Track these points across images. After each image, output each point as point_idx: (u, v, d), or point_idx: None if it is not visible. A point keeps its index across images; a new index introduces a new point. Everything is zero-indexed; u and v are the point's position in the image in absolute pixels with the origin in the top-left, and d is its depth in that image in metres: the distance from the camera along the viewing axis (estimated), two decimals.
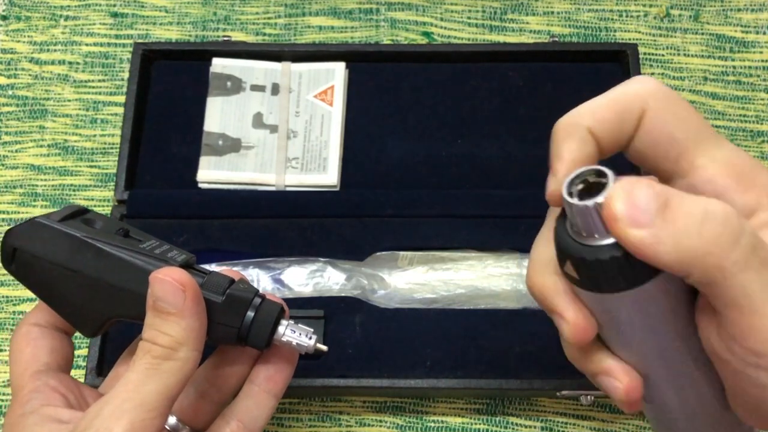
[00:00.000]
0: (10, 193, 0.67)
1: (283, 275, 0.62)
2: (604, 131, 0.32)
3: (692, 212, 0.28)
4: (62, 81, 0.70)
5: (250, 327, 0.38)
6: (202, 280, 0.39)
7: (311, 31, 0.72)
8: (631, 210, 0.28)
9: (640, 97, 0.32)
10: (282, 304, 0.40)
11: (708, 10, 0.72)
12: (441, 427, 0.60)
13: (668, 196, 0.29)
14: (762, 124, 0.68)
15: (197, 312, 0.37)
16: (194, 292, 0.37)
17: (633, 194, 0.28)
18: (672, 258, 0.28)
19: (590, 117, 0.32)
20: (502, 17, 0.72)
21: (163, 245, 0.40)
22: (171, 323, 0.37)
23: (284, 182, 0.64)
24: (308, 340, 0.39)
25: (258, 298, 0.39)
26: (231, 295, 0.38)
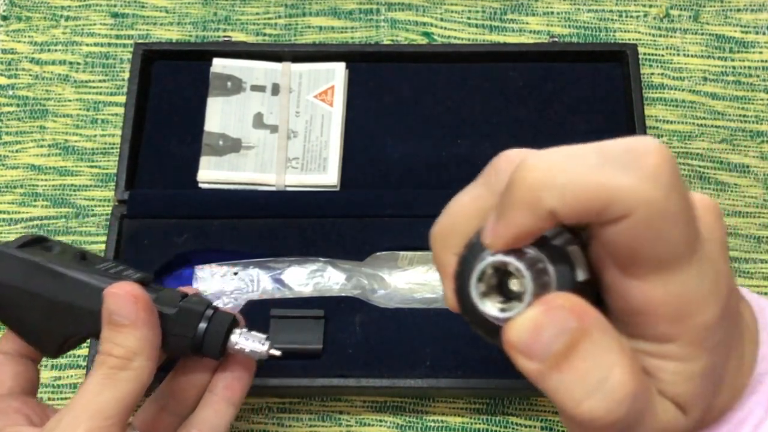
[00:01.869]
0: (10, 193, 0.67)
1: (283, 275, 0.62)
2: (569, 218, 0.25)
3: (587, 376, 0.26)
4: (63, 81, 0.71)
5: (204, 337, 0.40)
6: (156, 295, 0.40)
7: (311, 31, 0.72)
8: (529, 345, 0.26)
9: (628, 203, 0.25)
10: (235, 315, 0.41)
11: (708, 11, 0.72)
12: (441, 427, 0.60)
13: (578, 340, 0.26)
14: (761, 125, 0.68)
15: (150, 323, 0.38)
16: (146, 304, 0.38)
17: (539, 329, 0.26)
18: (551, 397, 0.27)
19: (559, 198, 0.25)
20: (502, 17, 0.73)
21: (119, 266, 0.42)
22: (125, 334, 0.38)
23: (284, 182, 0.64)
24: (261, 346, 0.40)
25: (210, 310, 0.40)
26: (183, 308, 0.40)
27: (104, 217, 0.66)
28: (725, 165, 0.67)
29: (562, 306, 0.26)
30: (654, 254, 0.25)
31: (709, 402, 0.29)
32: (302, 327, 0.59)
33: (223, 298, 0.62)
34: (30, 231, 0.66)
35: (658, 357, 0.27)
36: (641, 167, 0.25)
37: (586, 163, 0.25)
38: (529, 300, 0.26)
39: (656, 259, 0.26)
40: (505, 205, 0.26)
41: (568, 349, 0.26)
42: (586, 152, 0.25)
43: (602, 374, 0.26)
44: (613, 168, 0.25)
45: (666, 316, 0.27)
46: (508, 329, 0.26)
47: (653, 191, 0.24)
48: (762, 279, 0.64)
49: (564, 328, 0.26)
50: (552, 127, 0.67)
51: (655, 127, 0.68)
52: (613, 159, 0.25)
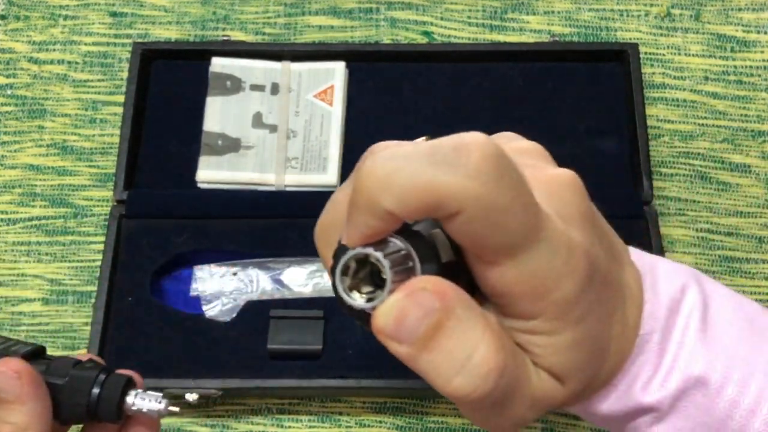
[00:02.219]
0: (8, 193, 0.67)
1: (282, 275, 0.62)
2: (408, 216, 0.27)
3: (454, 353, 0.27)
4: (61, 81, 0.70)
5: (98, 402, 0.40)
6: (45, 367, 0.40)
7: (311, 30, 0.72)
8: (396, 329, 0.27)
9: (458, 200, 0.26)
10: (130, 376, 0.41)
11: (709, 10, 0.72)
12: (441, 428, 0.60)
13: (442, 320, 0.27)
14: (763, 124, 0.68)
15: (37, 395, 0.38)
16: (31, 377, 0.38)
17: (403, 313, 0.26)
18: (425, 378, 0.28)
19: (394, 200, 0.26)
20: (502, 17, 0.72)
21: (8, 341, 0.43)
22: (12, 411, 0.38)
23: (284, 182, 0.64)
24: (158, 404, 0.41)
25: (103, 374, 0.41)
26: (74, 376, 0.40)
27: (103, 217, 0.65)
28: (726, 165, 0.67)
29: (423, 288, 0.27)
30: (495, 243, 0.27)
31: (590, 371, 0.30)
32: (302, 327, 0.58)
33: (222, 298, 0.61)
34: (29, 231, 0.65)
35: (527, 332, 0.29)
36: (465, 164, 0.26)
37: (419, 164, 0.26)
38: (390, 287, 0.26)
39: (498, 247, 0.27)
40: (351, 207, 0.27)
41: (434, 330, 0.27)
42: (420, 153, 0.26)
43: (467, 351, 0.27)
44: (441, 167, 0.26)
45: (523, 295, 0.28)
46: (375, 317, 0.27)
47: (478, 187, 0.26)
48: (763, 279, 0.63)
49: (428, 310, 0.26)
50: (552, 127, 0.66)
51: (656, 126, 0.68)
52: (442, 158, 0.26)
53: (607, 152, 0.65)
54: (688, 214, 0.65)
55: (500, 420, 0.30)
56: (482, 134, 0.27)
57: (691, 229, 0.65)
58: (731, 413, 0.32)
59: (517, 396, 0.29)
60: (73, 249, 0.65)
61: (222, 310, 0.61)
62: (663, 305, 0.32)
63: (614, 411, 0.33)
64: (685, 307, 0.32)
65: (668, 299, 0.32)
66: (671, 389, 0.32)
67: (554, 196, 0.29)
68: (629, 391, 0.32)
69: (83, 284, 0.64)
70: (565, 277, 0.28)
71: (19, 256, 0.65)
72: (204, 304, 0.61)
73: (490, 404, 0.28)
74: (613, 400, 0.32)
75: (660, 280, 0.33)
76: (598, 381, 0.32)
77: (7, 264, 0.64)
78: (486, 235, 0.26)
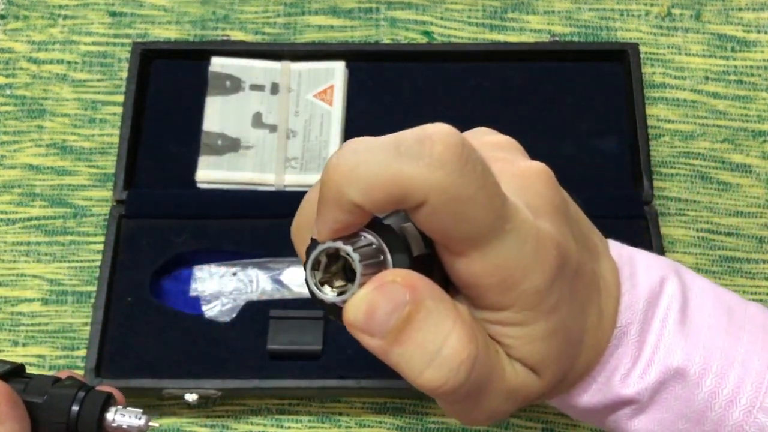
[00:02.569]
0: (8, 193, 0.66)
1: (282, 275, 0.62)
2: (374, 209, 0.27)
3: (425, 345, 0.27)
4: (61, 80, 0.70)
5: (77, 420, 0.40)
6: (24, 386, 0.40)
7: (311, 30, 0.72)
8: (367, 322, 0.27)
9: (422, 190, 0.26)
10: (110, 392, 0.41)
11: (709, 10, 0.72)
12: (441, 428, 0.60)
13: (412, 313, 0.27)
14: (763, 124, 0.68)
15: (15, 415, 0.38)
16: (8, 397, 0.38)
17: (373, 306, 0.27)
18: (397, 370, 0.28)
19: (360, 192, 0.26)
20: (502, 16, 0.72)
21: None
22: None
23: (283, 182, 0.64)
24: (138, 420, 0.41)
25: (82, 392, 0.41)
26: (53, 394, 0.40)
27: (102, 217, 0.65)
28: (727, 165, 0.67)
29: (393, 281, 0.27)
30: (461, 234, 0.27)
31: (565, 362, 0.30)
32: (302, 328, 0.58)
33: (222, 298, 0.61)
34: (28, 231, 0.65)
35: (499, 324, 0.29)
36: (429, 155, 0.26)
37: (383, 158, 0.26)
38: (360, 280, 0.27)
39: (464, 237, 0.27)
40: (320, 202, 0.27)
41: (404, 322, 0.27)
42: (384, 145, 0.27)
43: (438, 344, 0.27)
44: (405, 159, 0.26)
45: (492, 286, 0.28)
46: (345, 310, 0.27)
47: (443, 177, 0.26)
48: (763, 279, 0.63)
49: (398, 303, 0.26)
50: (553, 127, 0.66)
51: (656, 126, 0.68)
52: (405, 150, 0.26)
53: (607, 152, 0.65)
54: (689, 214, 0.65)
55: (475, 412, 0.30)
56: (446, 125, 0.27)
57: (691, 229, 0.65)
58: (710, 404, 0.32)
59: (491, 388, 0.29)
60: (73, 249, 0.65)
61: (222, 311, 0.61)
62: (641, 297, 0.32)
63: (593, 404, 0.33)
64: (664, 299, 0.32)
65: (647, 291, 0.32)
66: (651, 381, 0.32)
67: (524, 188, 0.29)
68: (608, 384, 0.32)
69: (83, 284, 0.64)
70: (534, 268, 0.28)
71: (18, 256, 0.64)
72: (204, 305, 0.61)
73: (463, 396, 0.28)
74: (592, 393, 0.32)
75: (639, 272, 0.33)
76: (574, 373, 0.32)
77: (6, 264, 0.64)
78: (451, 225, 0.26)
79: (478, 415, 0.30)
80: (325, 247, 0.27)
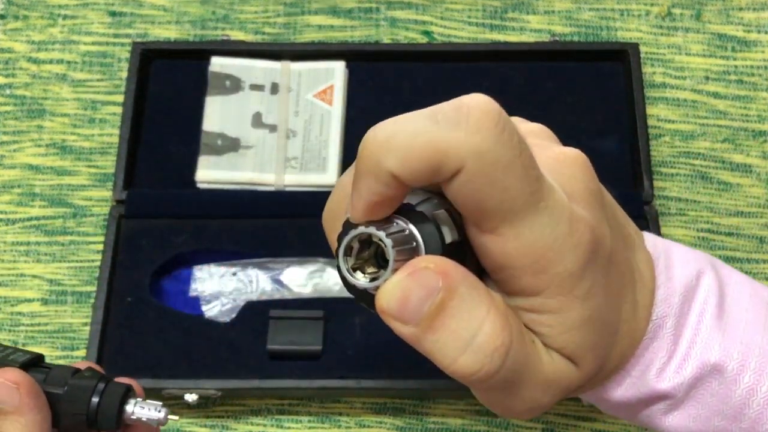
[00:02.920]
0: (8, 193, 0.66)
1: (282, 275, 0.62)
2: (411, 179, 0.27)
3: (459, 333, 0.27)
4: (60, 80, 0.70)
5: (97, 411, 0.40)
6: (44, 376, 0.40)
7: (311, 30, 0.72)
8: (400, 309, 0.27)
9: (459, 155, 0.26)
10: (129, 385, 0.41)
11: (709, 9, 0.72)
12: (441, 429, 0.59)
13: (445, 300, 0.27)
14: (764, 124, 0.68)
15: (36, 406, 0.38)
16: (29, 388, 0.38)
17: (406, 293, 0.26)
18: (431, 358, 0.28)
19: (398, 161, 0.26)
20: (502, 16, 0.72)
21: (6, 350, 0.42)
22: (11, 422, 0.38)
23: (283, 182, 0.64)
24: (158, 413, 0.41)
25: (102, 383, 0.41)
26: (73, 385, 0.40)
27: (102, 217, 0.65)
28: (727, 164, 0.67)
29: (426, 267, 0.26)
30: (495, 205, 0.26)
31: (602, 352, 0.30)
32: (302, 328, 0.58)
33: (222, 298, 0.61)
34: (28, 231, 0.65)
35: (533, 311, 0.28)
36: (468, 121, 0.26)
37: (420, 125, 0.26)
38: (393, 266, 0.26)
39: (499, 209, 0.26)
40: (355, 176, 0.27)
41: (438, 309, 0.27)
42: (421, 116, 0.27)
43: (472, 330, 0.27)
44: (443, 126, 0.26)
45: (525, 267, 0.27)
46: (378, 297, 0.27)
47: (480, 142, 0.26)
48: (764, 279, 0.63)
49: (431, 289, 0.26)
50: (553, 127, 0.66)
51: (657, 126, 0.68)
52: (444, 118, 0.26)
53: (608, 152, 0.65)
54: (689, 214, 0.65)
55: (513, 403, 0.29)
56: (483, 95, 0.28)
57: (691, 229, 0.65)
58: (748, 401, 0.31)
59: (528, 378, 0.28)
60: (73, 249, 0.65)
61: (221, 311, 0.61)
62: (677, 291, 0.32)
63: (627, 398, 0.32)
64: (701, 293, 0.32)
65: (682, 285, 0.32)
66: (687, 376, 0.31)
67: (561, 172, 0.29)
68: (643, 378, 0.32)
69: (82, 284, 0.64)
70: (568, 250, 0.27)
71: (18, 256, 0.64)
72: (203, 305, 0.61)
73: (500, 385, 0.28)
74: (626, 387, 0.32)
75: (675, 264, 0.32)
76: (609, 365, 0.31)
77: (6, 264, 0.64)
78: (487, 195, 0.26)
79: (517, 405, 0.30)
80: (357, 233, 0.27)
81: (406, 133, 0.27)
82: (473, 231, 0.28)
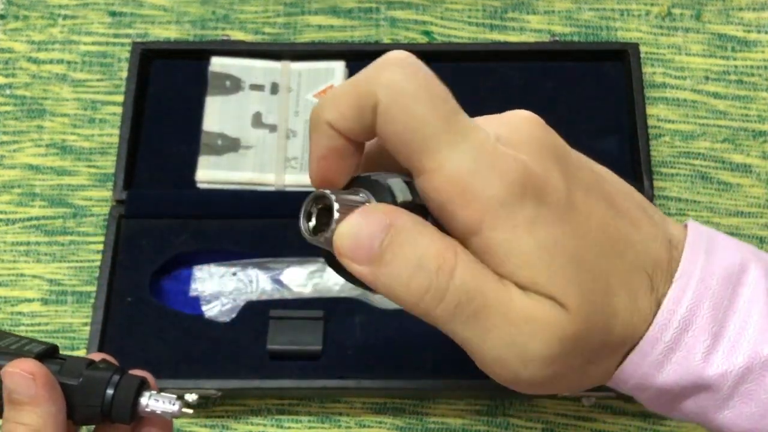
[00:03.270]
0: (7, 193, 0.66)
1: (282, 275, 0.62)
2: (346, 126, 0.30)
3: (408, 259, 0.29)
4: (60, 80, 0.70)
5: (112, 403, 0.40)
6: (59, 367, 0.40)
7: (311, 29, 0.72)
8: (353, 248, 0.29)
9: (372, 89, 0.29)
10: (143, 377, 0.41)
11: (710, 9, 0.72)
12: (441, 429, 0.59)
13: (395, 233, 0.29)
14: (764, 124, 0.68)
15: (51, 397, 0.38)
16: (45, 379, 0.38)
17: (358, 231, 0.29)
18: (388, 295, 0.30)
19: (332, 110, 0.31)
20: (502, 16, 0.72)
21: (21, 340, 0.42)
22: (27, 412, 0.38)
23: (284, 182, 0.64)
24: (172, 406, 0.41)
25: (117, 375, 0.41)
26: (88, 377, 0.40)
27: (102, 217, 0.65)
28: (727, 164, 0.67)
29: (375, 209, 0.30)
30: (411, 136, 0.29)
31: (591, 295, 0.30)
32: (301, 328, 0.58)
33: (222, 298, 0.61)
34: (28, 231, 0.65)
35: (487, 251, 0.30)
36: (380, 64, 0.30)
37: (345, 82, 0.31)
38: (336, 217, 0.29)
39: (417, 141, 0.29)
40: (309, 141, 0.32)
41: (388, 243, 0.29)
42: (354, 77, 0.31)
43: (419, 254, 0.29)
44: (362, 74, 0.30)
45: (455, 200, 0.29)
46: (335, 240, 0.29)
47: (389, 75, 0.29)
48: None
49: (381, 226, 0.29)
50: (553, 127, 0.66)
51: (656, 126, 0.68)
52: (363, 72, 0.30)
53: (607, 152, 0.65)
54: (689, 214, 0.65)
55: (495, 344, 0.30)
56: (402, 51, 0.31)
57: None
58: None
59: (496, 311, 0.29)
60: (73, 249, 0.65)
61: (221, 311, 0.61)
62: (715, 273, 0.31)
63: (671, 384, 0.32)
64: (749, 280, 0.32)
65: (723, 268, 0.32)
66: (737, 365, 0.31)
67: (504, 124, 0.31)
68: (688, 360, 0.31)
69: (82, 284, 0.64)
70: (493, 177, 0.29)
71: (18, 256, 0.64)
72: (203, 305, 0.61)
73: (461, 314, 0.29)
74: (669, 371, 0.31)
75: (717, 249, 0.32)
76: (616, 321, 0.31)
77: (6, 264, 0.64)
78: (402, 127, 0.29)
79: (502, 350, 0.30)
80: (312, 195, 0.31)
81: (336, 89, 0.31)
82: (416, 179, 0.30)
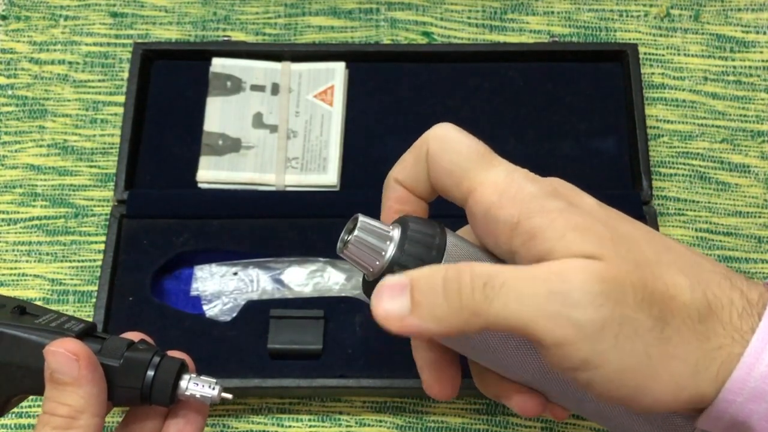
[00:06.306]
0: (9, 193, 0.67)
1: (282, 275, 0.62)
2: (408, 177, 0.38)
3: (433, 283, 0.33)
4: (62, 81, 0.70)
5: (152, 386, 0.40)
6: (100, 347, 0.40)
7: (311, 30, 0.72)
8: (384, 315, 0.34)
9: (424, 140, 0.37)
10: (183, 360, 0.41)
11: (708, 10, 0.72)
12: (441, 428, 0.60)
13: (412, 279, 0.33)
14: (762, 124, 0.68)
15: (94, 378, 0.38)
16: (88, 360, 0.38)
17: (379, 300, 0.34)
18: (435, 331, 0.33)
19: (399, 168, 0.39)
20: (502, 17, 0.72)
21: (60, 317, 0.41)
22: (69, 393, 0.38)
23: (284, 182, 0.64)
24: (212, 390, 0.40)
25: (157, 357, 0.40)
26: (129, 358, 0.39)
27: (103, 217, 0.66)
28: (726, 165, 0.67)
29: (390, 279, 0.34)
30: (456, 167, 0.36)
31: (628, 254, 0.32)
32: (302, 327, 0.59)
33: (223, 298, 0.62)
34: (29, 231, 0.65)
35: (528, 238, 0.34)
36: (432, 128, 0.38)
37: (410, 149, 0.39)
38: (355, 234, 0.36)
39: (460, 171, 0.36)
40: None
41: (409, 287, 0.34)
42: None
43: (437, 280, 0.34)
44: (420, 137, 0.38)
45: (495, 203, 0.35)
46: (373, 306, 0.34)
47: (436, 129, 0.38)
48: (763, 279, 0.63)
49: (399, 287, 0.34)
50: (552, 127, 0.67)
51: (655, 126, 0.68)
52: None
53: (607, 152, 0.65)
54: (688, 214, 0.66)
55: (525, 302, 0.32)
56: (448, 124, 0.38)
57: (690, 229, 0.65)
58: None
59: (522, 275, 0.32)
60: (74, 249, 0.65)
61: (222, 310, 0.61)
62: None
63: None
64: None
65: None
66: None
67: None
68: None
69: (84, 284, 0.64)
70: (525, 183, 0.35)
71: (19, 256, 0.65)
72: (204, 304, 0.62)
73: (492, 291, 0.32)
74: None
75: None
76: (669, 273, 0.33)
77: (7, 264, 0.64)
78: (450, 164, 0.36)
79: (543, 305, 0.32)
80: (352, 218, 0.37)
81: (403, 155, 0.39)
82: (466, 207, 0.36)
